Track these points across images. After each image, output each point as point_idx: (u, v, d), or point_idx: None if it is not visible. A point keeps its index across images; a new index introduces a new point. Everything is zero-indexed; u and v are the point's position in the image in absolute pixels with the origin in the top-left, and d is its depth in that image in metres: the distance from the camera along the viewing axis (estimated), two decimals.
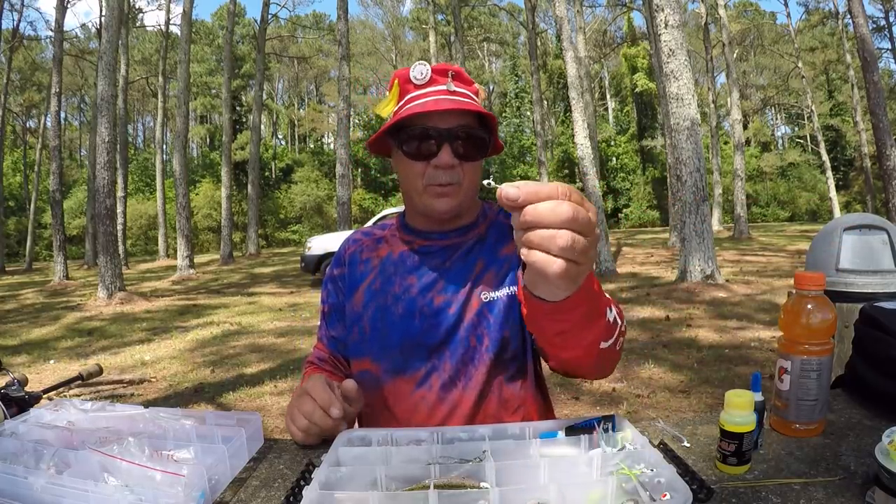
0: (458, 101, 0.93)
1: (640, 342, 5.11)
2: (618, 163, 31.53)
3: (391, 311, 1.02)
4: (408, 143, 0.95)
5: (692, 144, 7.27)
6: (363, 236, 1.13)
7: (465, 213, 1.04)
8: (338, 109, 13.08)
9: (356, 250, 1.10)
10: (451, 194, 0.97)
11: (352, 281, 1.08)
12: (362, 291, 1.06)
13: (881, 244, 2.04)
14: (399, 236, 1.08)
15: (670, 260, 11.65)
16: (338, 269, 1.11)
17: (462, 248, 1.03)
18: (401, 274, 1.03)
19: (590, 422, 0.76)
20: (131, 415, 0.90)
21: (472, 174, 0.98)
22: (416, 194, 0.98)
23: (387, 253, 1.07)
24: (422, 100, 0.94)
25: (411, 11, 37.50)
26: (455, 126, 0.93)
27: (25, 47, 22.79)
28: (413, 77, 0.96)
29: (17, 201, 28.88)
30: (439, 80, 0.96)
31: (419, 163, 0.95)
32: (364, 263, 1.08)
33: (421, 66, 0.96)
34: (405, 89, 0.98)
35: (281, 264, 16.35)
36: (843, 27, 22.97)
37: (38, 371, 5.08)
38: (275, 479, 0.78)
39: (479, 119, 0.98)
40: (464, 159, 0.95)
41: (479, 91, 1.00)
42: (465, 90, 0.97)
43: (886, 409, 0.91)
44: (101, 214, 9.15)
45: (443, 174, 0.95)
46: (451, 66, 0.97)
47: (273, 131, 40.07)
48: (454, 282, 1.01)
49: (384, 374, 1.02)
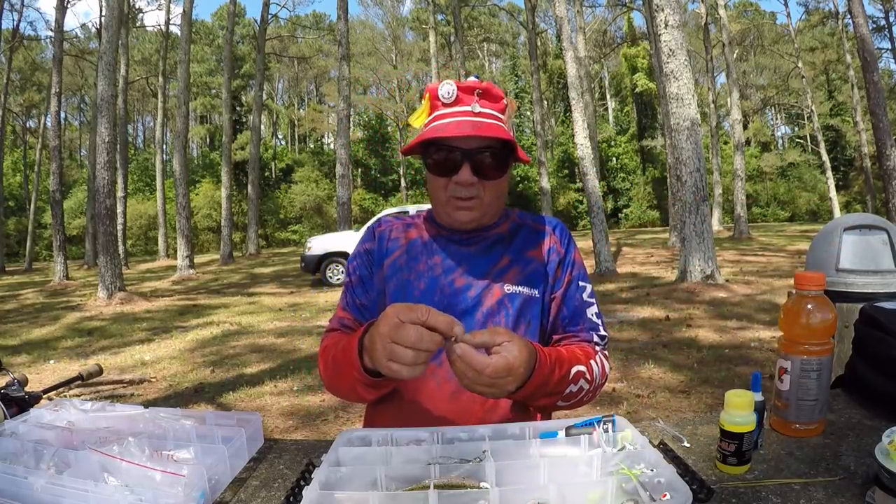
0: (478, 125, 0.98)
1: (640, 342, 5.11)
2: (618, 163, 31.53)
3: (413, 286, 1.06)
4: (432, 159, 1.02)
5: (692, 144, 7.27)
6: (394, 219, 1.19)
7: (487, 220, 1.10)
8: (338, 109, 13.07)
9: (387, 229, 1.16)
10: (472, 208, 1.03)
11: (380, 255, 1.13)
12: (387, 266, 1.10)
13: (881, 244, 2.04)
14: (426, 226, 1.15)
15: (670, 260, 11.65)
16: (369, 243, 1.15)
17: (487, 241, 1.09)
18: (427, 254, 1.09)
19: (590, 422, 0.76)
20: (131, 415, 0.90)
21: (493, 190, 1.04)
22: (440, 204, 1.06)
23: (415, 236, 1.13)
24: (446, 119, 1.00)
25: (411, 11, 37.51)
26: (476, 147, 0.99)
27: (25, 47, 22.79)
28: (441, 96, 1.01)
29: (17, 201, 28.87)
30: (465, 100, 1.00)
31: (443, 178, 1.02)
32: (392, 241, 1.13)
33: (448, 85, 1.01)
34: (434, 105, 1.04)
35: (281, 264, 16.35)
36: (843, 27, 22.96)
37: (38, 371, 5.07)
38: (275, 479, 0.78)
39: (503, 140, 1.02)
40: (484, 178, 1.01)
41: (507, 106, 1.04)
42: (490, 110, 1.01)
43: (886, 409, 0.91)
44: (101, 214, 9.15)
45: (463, 190, 1.01)
46: (479, 84, 1.01)
47: (273, 131, 40.07)
48: (477, 267, 1.06)
49: None
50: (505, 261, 1.08)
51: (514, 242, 1.10)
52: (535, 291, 1.06)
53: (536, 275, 1.07)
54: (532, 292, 1.06)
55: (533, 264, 1.08)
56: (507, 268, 1.07)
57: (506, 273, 1.06)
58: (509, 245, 1.10)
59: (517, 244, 1.10)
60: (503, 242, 1.10)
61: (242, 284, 11.87)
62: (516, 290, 1.05)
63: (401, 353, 0.72)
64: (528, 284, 1.06)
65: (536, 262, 1.08)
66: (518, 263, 1.07)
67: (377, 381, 0.87)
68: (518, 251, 1.09)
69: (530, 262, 1.08)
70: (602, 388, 0.98)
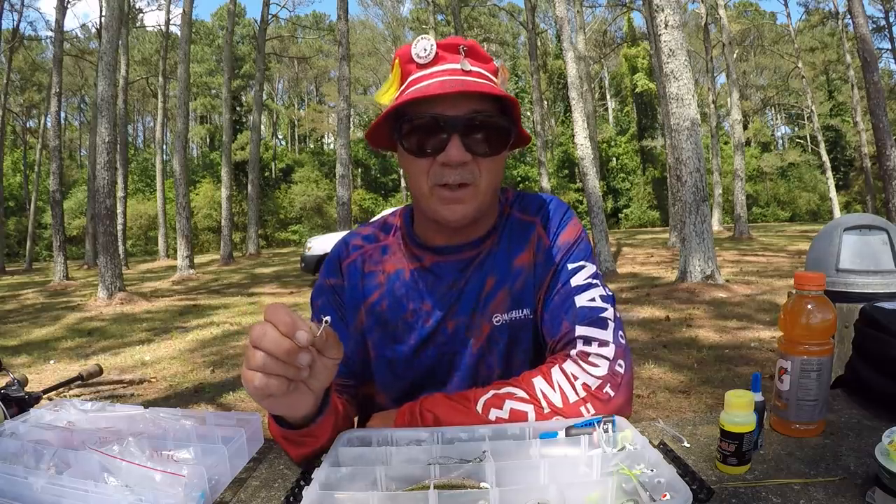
0: (470, 83, 0.75)
1: (640, 342, 5.11)
2: (618, 163, 31.55)
3: (402, 341, 0.90)
4: (409, 135, 0.79)
5: (692, 145, 7.27)
6: (364, 242, 0.95)
7: (482, 218, 0.87)
8: (338, 109, 13.08)
9: (357, 260, 0.93)
10: (463, 199, 0.80)
11: (353, 295, 0.92)
12: (365, 311, 0.92)
13: (881, 244, 2.04)
14: (406, 249, 0.92)
15: (670, 260, 11.65)
16: (333, 278, 0.93)
17: (476, 262, 0.89)
18: (414, 299, 0.89)
19: (590, 422, 0.76)
20: (131, 415, 0.90)
21: (491, 173, 0.81)
22: (423, 197, 0.82)
23: (394, 270, 0.91)
24: (426, 81, 0.77)
25: (411, 12, 37.49)
26: (468, 113, 0.76)
27: (25, 47, 22.80)
28: (415, 55, 0.78)
29: (17, 201, 28.87)
30: (448, 58, 0.79)
31: (424, 159, 0.79)
32: (367, 278, 0.92)
33: (424, 40, 0.79)
34: (407, 70, 0.81)
35: (281, 264, 16.34)
36: (843, 27, 22.96)
37: (38, 371, 5.07)
38: (275, 480, 0.78)
39: (498, 104, 0.80)
40: (479, 155, 0.78)
41: (499, 69, 0.82)
42: (480, 69, 0.79)
43: (886, 409, 0.91)
44: (101, 214, 9.15)
45: (452, 173, 0.78)
46: (463, 40, 0.80)
47: (273, 131, 40.07)
48: (467, 302, 0.88)
49: (389, 402, 0.94)
50: (490, 282, 0.88)
51: (499, 251, 0.89)
52: (525, 311, 0.88)
53: (526, 290, 0.88)
54: (522, 313, 0.88)
55: (521, 277, 0.89)
56: (494, 292, 0.88)
57: (492, 300, 0.88)
58: (496, 258, 0.89)
59: (502, 252, 0.89)
60: (492, 255, 0.90)
61: (243, 284, 11.87)
62: (505, 318, 0.88)
63: (249, 354, 0.57)
64: (518, 306, 0.88)
65: (525, 272, 0.89)
66: (505, 283, 0.88)
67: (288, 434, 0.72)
68: (504, 263, 0.88)
69: (518, 275, 0.88)
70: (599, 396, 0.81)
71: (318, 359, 0.61)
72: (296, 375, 0.59)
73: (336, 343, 0.63)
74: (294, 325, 0.56)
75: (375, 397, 0.96)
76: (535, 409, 0.79)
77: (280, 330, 0.56)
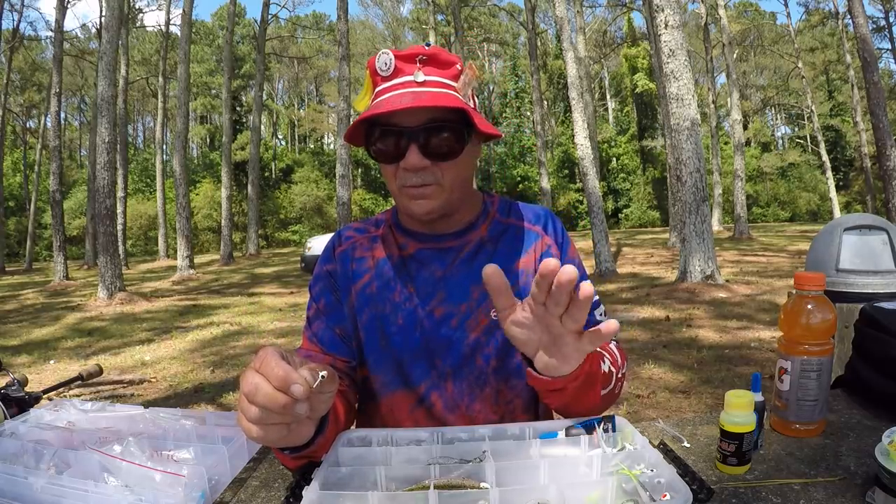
0: (420, 96, 0.80)
1: (640, 342, 5.11)
2: (618, 163, 31.56)
3: (390, 321, 0.93)
4: (374, 144, 0.86)
5: (692, 145, 7.27)
6: (356, 233, 1.02)
7: (455, 212, 0.94)
8: (338, 109, 13.07)
9: (348, 248, 1.00)
10: (429, 196, 0.86)
11: (345, 279, 0.97)
12: (356, 293, 0.96)
13: (881, 244, 2.04)
14: (393, 237, 0.98)
15: (670, 260, 11.65)
16: (329, 265, 1.00)
17: (464, 253, 0.94)
18: (401, 280, 0.94)
19: (590, 422, 0.76)
20: (131, 415, 0.90)
21: (454, 171, 0.86)
22: (395, 196, 0.90)
23: (383, 255, 0.97)
24: (385, 95, 0.83)
25: (411, 12, 37.49)
26: (423, 123, 0.82)
27: (25, 47, 22.80)
28: (378, 69, 0.85)
29: (17, 201, 28.87)
30: (406, 70, 0.84)
31: (390, 165, 0.86)
32: (357, 262, 0.98)
33: (384, 55, 0.84)
34: (374, 81, 0.87)
35: (282, 264, 16.34)
36: (843, 27, 22.95)
37: (39, 371, 5.07)
38: (275, 480, 0.78)
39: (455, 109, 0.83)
40: (438, 159, 0.84)
41: (461, 72, 0.86)
42: (438, 77, 0.84)
43: (886, 409, 0.91)
44: (101, 214, 9.15)
45: (414, 177, 0.84)
46: (422, 50, 0.84)
47: (273, 131, 40.08)
48: (455, 292, 0.92)
49: (382, 386, 0.96)
50: None
51: (497, 250, 0.94)
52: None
53: (525, 291, 0.91)
54: None
55: (522, 278, 0.93)
56: None
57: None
58: (492, 255, 0.94)
59: (502, 252, 0.94)
60: (485, 251, 0.94)
61: (243, 285, 11.87)
62: None
63: (244, 406, 0.56)
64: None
65: (526, 274, 0.93)
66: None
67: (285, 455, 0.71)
68: (503, 262, 0.91)
69: (519, 275, 0.93)
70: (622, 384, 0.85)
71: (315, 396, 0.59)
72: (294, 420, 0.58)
73: (332, 378, 0.61)
74: (287, 378, 0.54)
75: (370, 381, 0.97)
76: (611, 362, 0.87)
77: (273, 384, 0.54)
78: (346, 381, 0.94)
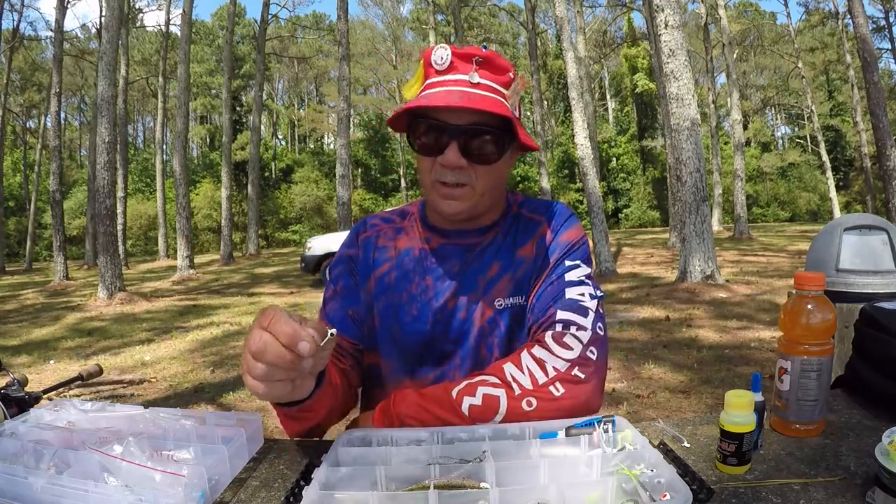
0: (474, 96, 0.82)
1: (640, 342, 5.11)
2: (618, 164, 31.55)
3: (405, 311, 0.96)
4: (418, 135, 0.88)
5: (692, 145, 7.27)
6: (381, 222, 1.05)
7: (482, 215, 0.96)
8: (338, 109, 13.07)
9: (372, 235, 1.03)
10: (459, 197, 0.88)
11: (366, 265, 1.00)
12: (375, 280, 0.99)
13: (881, 244, 2.04)
14: (418, 230, 1.01)
15: (670, 260, 11.64)
16: (352, 249, 1.03)
17: (479, 248, 0.97)
18: (420, 273, 0.97)
19: (590, 422, 0.76)
20: (131, 415, 0.90)
21: (488, 176, 0.89)
22: (427, 189, 0.92)
23: (406, 246, 1.00)
24: (437, 88, 0.85)
25: (411, 12, 37.49)
26: (468, 124, 0.84)
27: (25, 47, 22.79)
28: (434, 62, 0.87)
29: (17, 201, 28.86)
30: (461, 68, 0.86)
31: (428, 158, 0.88)
32: (379, 251, 1.01)
33: (442, 49, 0.86)
34: (427, 72, 0.89)
35: (282, 264, 16.34)
36: (843, 27, 22.95)
37: (39, 371, 5.07)
38: (275, 480, 0.78)
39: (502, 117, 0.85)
40: (475, 161, 0.87)
41: (512, 80, 0.88)
42: (490, 82, 0.86)
43: (886, 409, 0.91)
44: (101, 214, 9.15)
45: (450, 174, 0.87)
46: (479, 52, 0.86)
47: (273, 131, 40.07)
48: (468, 285, 0.95)
49: (391, 372, 0.98)
50: (495, 268, 0.95)
51: (506, 242, 0.98)
52: (524, 298, 0.95)
53: (525, 278, 0.95)
54: (522, 300, 0.94)
55: (524, 266, 0.96)
56: (498, 277, 0.95)
57: (496, 284, 0.94)
58: (501, 246, 0.97)
59: (509, 243, 0.97)
60: (497, 245, 0.97)
61: (243, 284, 11.87)
62: (507, 303, 0.94)
63: (251, 365, 0.60)
64: (518, 293, 0.95)
65: (527, 262, 0.96)
66: (509, 270, 0.95)
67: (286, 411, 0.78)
68: (509, 252, 0.96)
69: (521, 263, 0.96)
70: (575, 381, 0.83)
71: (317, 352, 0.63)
72: (298, 376, 0.63)
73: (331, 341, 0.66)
74: (295, 335, 0.58)
75: (380, 368, 1.00)
76: (507, 392, 0.82)
77: (281, 341, 0.58)
78: (350, 361, 0.98)
